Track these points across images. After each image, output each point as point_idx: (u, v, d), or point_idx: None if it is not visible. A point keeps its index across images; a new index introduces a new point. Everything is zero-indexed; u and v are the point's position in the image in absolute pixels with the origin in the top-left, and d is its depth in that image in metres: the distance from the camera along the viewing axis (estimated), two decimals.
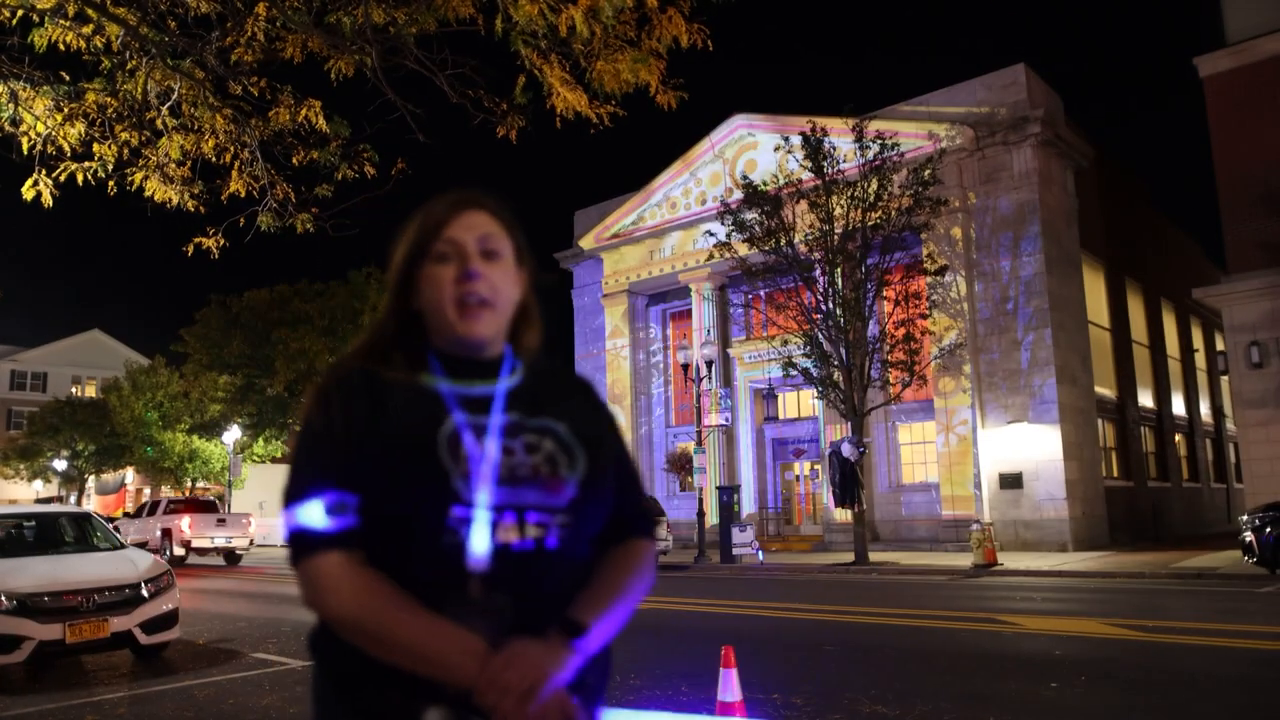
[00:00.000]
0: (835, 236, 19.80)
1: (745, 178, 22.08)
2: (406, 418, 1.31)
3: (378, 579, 1.25)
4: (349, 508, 1.27)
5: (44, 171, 5.55)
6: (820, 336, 19.92)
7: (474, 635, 1.21)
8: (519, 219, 1.50)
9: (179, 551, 25.10)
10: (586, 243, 33.07)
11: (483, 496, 1.27)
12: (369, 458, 1.28)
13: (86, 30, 5.20)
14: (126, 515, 32.79)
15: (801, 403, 28.68)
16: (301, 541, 1.27)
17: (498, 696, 1.13)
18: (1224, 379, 27.44)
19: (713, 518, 25.48)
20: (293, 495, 1.29)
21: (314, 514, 1.26)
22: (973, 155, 23.79)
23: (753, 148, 28.45)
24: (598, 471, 1.38)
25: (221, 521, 25.85)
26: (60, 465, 42.67)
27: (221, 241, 6.40)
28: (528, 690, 1.14)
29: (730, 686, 4.26)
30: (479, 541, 1.25)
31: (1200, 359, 35.23)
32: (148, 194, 5.96)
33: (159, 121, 5.69)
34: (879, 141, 19.67)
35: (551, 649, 1.20)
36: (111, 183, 5.87)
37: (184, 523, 25.18)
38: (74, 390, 57.71)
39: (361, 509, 1.28)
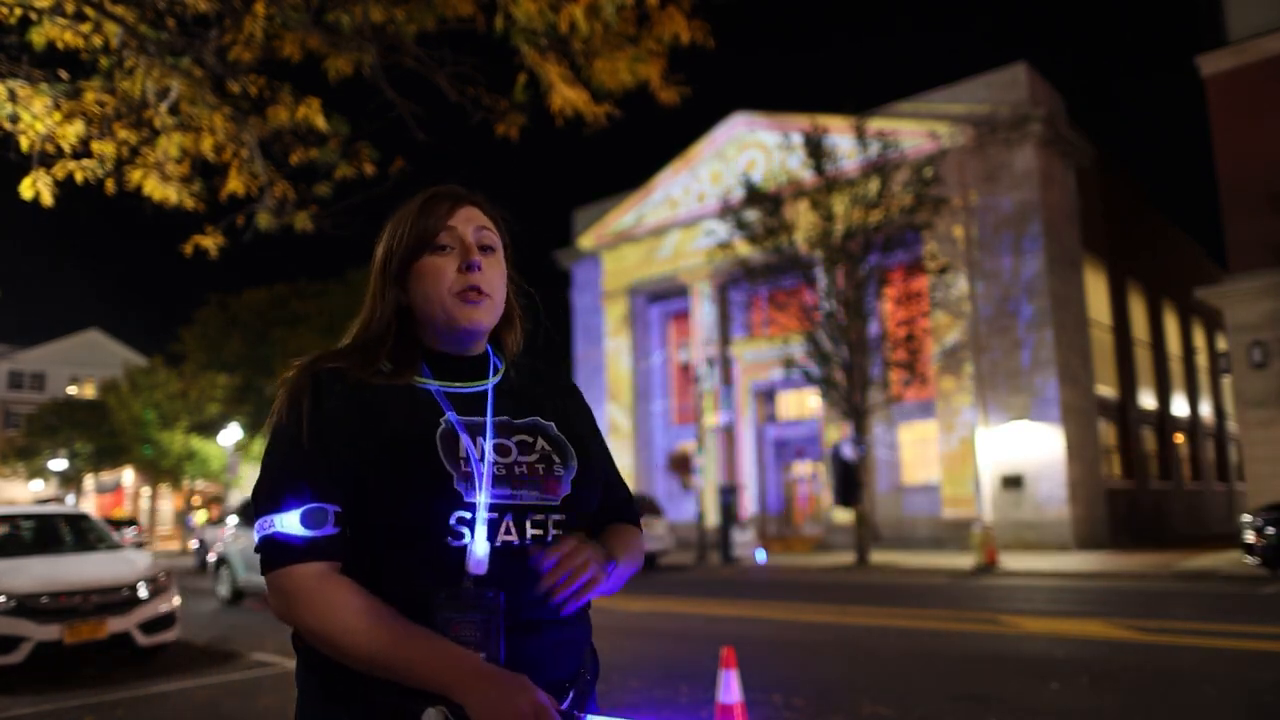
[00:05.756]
0: (836, 235, 19.77)
1: (746, 176, 22.06)
2: (400, 420, 1.29)
3: (356, 592, 1.21)
4: (327, 517, 1.23)
5: (43, 170, 5.52)
6: (821, 336, 19.90)
7: (463, 649, 1.17)
8: (506, 219, 1.49)
9: None
10: (586, 242, 33.04)
11: (483, 498, 1.25)
12: (360, 463, 1.25)
13: (85, 29, 5.17)
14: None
15: (802, 403, 28.65)
16: (275, 550, 1.22)
17: (555, 577, 1.19)
18: (1226, 379, 27.44)
19: (713, 518, 25.47)
20: (267, 501, 1.25)
21: (290, 522, 1.22)
22: (974, 154, 23.77)
23: (753, 146, 28.43)
24: (589, 468, 1.40)
25: None
26: (58, 465, 42.60)
27: (220, 241, 6.36)
28: (590, 578, 1.21)
29: (731, 687, 4.23)
30: (477, 545, 1.23)
31: (1202, 359, 35.21)
32: (146, 193, 5.92)
33: (157, 120, 5.66)
34: (880, 140, 19.66)
35: (597, 550, 1.26)
36: (110, 181, 5.84)
37: None
38: (72, 390, 57.70)
39: (343, 518, 1.24)
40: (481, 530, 1.23)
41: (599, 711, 1.36)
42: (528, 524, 1.27)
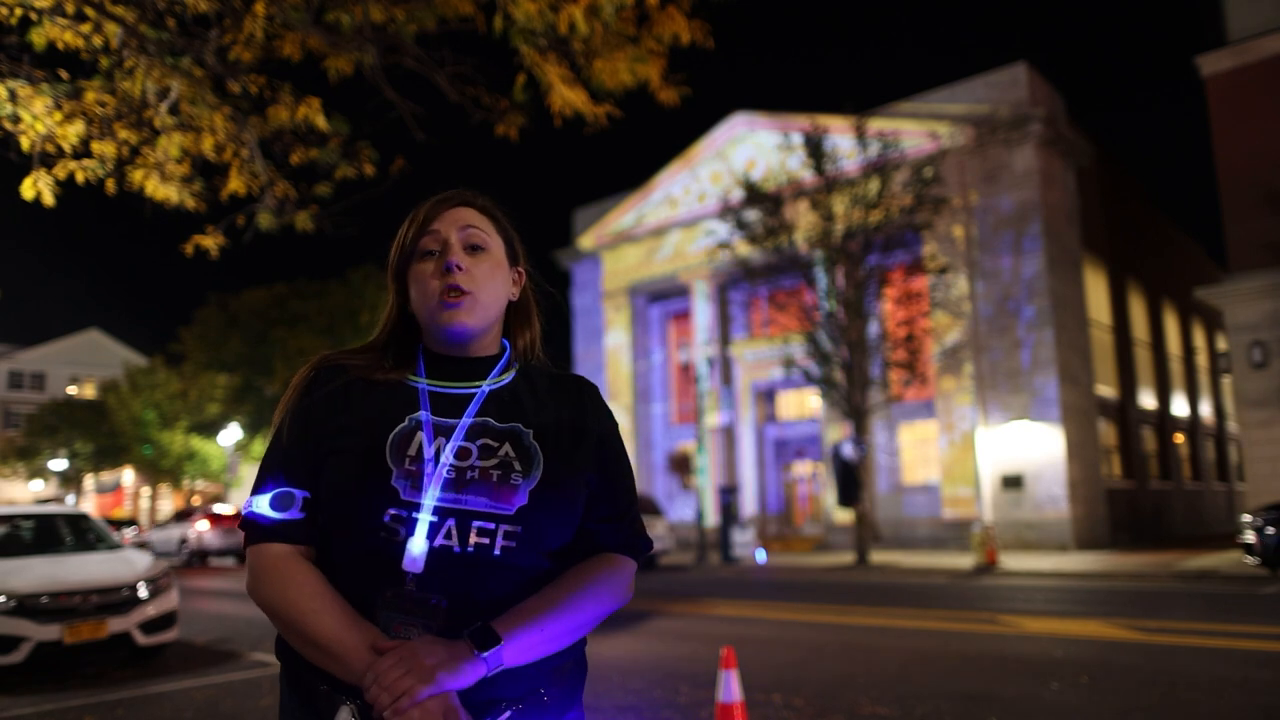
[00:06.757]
0: (836, 235, 19.78)
1: (746, 176, 22.06)
2: (368, 414, 1.31)
3: (308, 573, 1.26)
4: (294, 501, 1.29)
5: (44, 170, 5.52)
6: (821, 336, 19.90)
7: (381, 633, 1.20)
8: (514, 220, 1.49)
9: None
10: (586, 241, 33.04)
11: (426, 499, 1.24)
12: (329, 452, 1.29)
13: (85, 29, 5.18)
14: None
15: (802, 403, 28.66)
16: (248, 529, 1.31)
17: (377, 692, 1.12)
18: (1226, 379, 27.43)
19: (713, 518, 25.47)
20: (254, 485, 1.33)
21: (262, 504, 1.30)
22: (974, 154, 23.78)
23: (754, 146, 28.43)
24: (558, 481, 1.31)
25: None
26: (58, 465, 42.59)
27: (220, 241, 6.37)
28: (405, 691, 1.11)
29: (731, 687, 4.23)
30: (414, 544, 1.22)
31: (1202, 359, 35.21)
32: (147, 193, 5.93)
33: (157, 120, 5.67)
34: (880, 140, 19.66)
35: (451, 653, 1.16)
36: (110, 181, 5.84)
37: None
38: (72, 390, 57.69)
39: (311, 503, 1.30)
40: (422, 530, 1.23)
41: None
42: (472, 531, 1.24)
